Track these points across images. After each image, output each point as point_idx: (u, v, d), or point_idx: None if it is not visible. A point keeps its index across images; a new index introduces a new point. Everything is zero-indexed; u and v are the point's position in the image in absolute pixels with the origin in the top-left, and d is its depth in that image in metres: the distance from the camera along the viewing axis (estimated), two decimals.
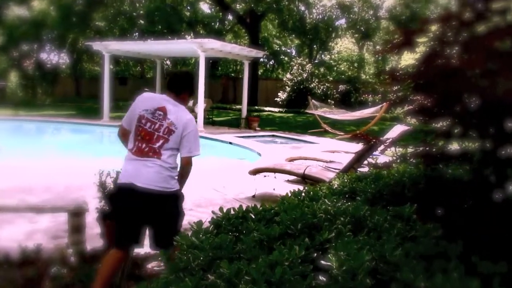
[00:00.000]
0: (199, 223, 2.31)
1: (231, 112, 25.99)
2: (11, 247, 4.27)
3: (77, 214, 4.20)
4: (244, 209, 2.44)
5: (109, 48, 17.96)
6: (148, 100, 3.32)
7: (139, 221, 3.21)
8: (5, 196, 4.81)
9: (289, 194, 2.83)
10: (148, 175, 3.14)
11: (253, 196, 6.65)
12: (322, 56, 35.68)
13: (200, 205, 6.13)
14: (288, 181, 7.27)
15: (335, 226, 2.07)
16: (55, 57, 36.88)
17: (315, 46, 34.54)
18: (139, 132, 3.24)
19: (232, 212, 2.40)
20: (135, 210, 3.17)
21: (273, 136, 15.83)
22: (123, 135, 3.43)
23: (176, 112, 3.26)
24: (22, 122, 18.79)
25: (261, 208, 2.45)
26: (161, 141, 3.20)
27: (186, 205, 5.95)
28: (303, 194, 2.78)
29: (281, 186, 7.02)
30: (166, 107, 3.27)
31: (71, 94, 34.85)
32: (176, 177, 3.29)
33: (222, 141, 13.75)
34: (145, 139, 3.21)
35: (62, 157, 11.10)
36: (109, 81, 18.24)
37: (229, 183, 7.63)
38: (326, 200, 2.49)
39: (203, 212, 5.76)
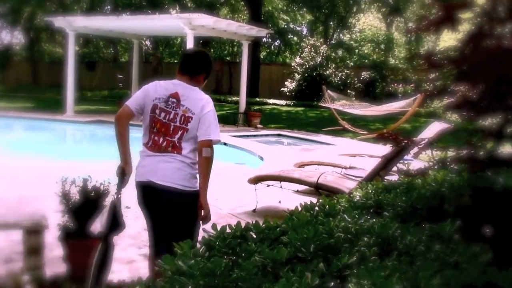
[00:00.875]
0: (187, 242, 2.31)
1: (226, 105, 25.99)
2: None
3: (34, 232, 4.20)
4: (243, 227, 2.44)
5: (74, 24, 17.98)
6: (160, 87, 3.62)
7: (157, 221, 3.53)
8: None
9: (299, 208, 2.83)
10: (167, 172, 3.44)
11: (254, 211, 6.66)
12: (341, 35, 35.71)
13: None
14: (298, 191, 7.28)
15: (357, 248, 2.07)
16: (7, 36, 37.01)
17: (331, 23, 34.57)
18: (154, 124, 3.53)
19: (228, 230, 2.40)
20: (154, 209, 3.52)
21: (278, 135, 15.85)
22: (125, 118, 3.59)
23: (189, 95, 3.56)
24: None
25: (264, 225, 2.45)
26: (179, 133, 3.48)
27: None
28: (316, 208, 2.78)
29: (289, 198, 7.03)
30: (178, 92, 3.56)
31: (26, 82, 34.87)
32: (197, 175, 3.49)
33: None
34: (161, 132, 3.50)
35: (15, 161, 11.10)
36: (74, 66, 18.26)
37: (223, 194, 7.63)
38: (345, 215, 2.49)
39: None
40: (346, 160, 8.92)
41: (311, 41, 27.56)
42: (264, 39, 31.44)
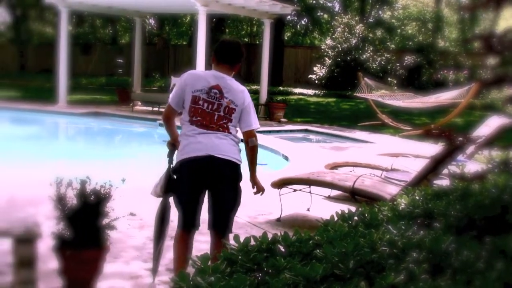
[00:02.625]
0: (205, 257, 2.35)
1: None
2: None
3: (26, 241, 4.27)
4: (270, 239, 2.48)
5: (68, 0, 18.15)
6: (198, 78, 4.50)
7: (217, 193, 4.50)
8: None
9: (335, 218, 2.85)
10: (224, 147, 4.39)
11: (278, 220, 6.68)
12: (380, 13, 35.52)
13: (200, 231, 6.18)
14: (329, 197, 7.29)
15: (405, 265, 2.09)
16: None
17: None
18: (198, 114, 4.40)
19: (253, 242, 2.44)
20: (219, 180, 4.45)
21: (306, 131, 15.86)
22: (172, 117, 4.65)
23: (230, 86, 4.46)
24: None
25: (294, 237, 2.48)
26: (223, 121, 4.41)
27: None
28: (355, 217, 2.81)
29: (319, 205, 7.05)
30: (219, 84, 4.44)
31: (12, 68, 35.27)
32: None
33: None
34: (202, 117, 4.40)
35: (1, 160, 11.26)
36: (67, 49, 18.42)
37: (242, 199, 7.66)
38: (390, 226, 2.51)
39: (205, 242, 5.80)
40: (386, 161, 8.88)
41: (345, 19, 27.48)
42: (289, 17, 31.38)
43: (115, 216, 4.57)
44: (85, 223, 4.43)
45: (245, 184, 4.73)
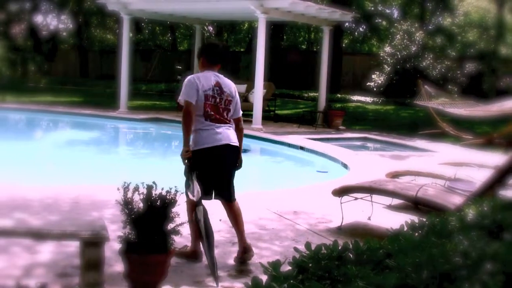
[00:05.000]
0: (276, 263, 2.38)
1: (302, 102, 26.06)
2: (6, 286, 4.51)
3: (93, 244, 4.38)
4: (340, 247, 2.49)
5: (130, 8, 18.53)
6: (205, 79, 5.39)
7: (226, 172, 5.55)
8: None
9: (405, 227, 2.85)
10: (233, 136, 5.50)
11: (339, 228, 6.67)
12: (440, 19, 34.98)
13: (260, 237, 6.25)
14: (390, 206, 7.22)
15: (478, 276, 2.07)
16: (53, 21, 38.52)
17: (429, 4, 33.94)
18: (209, 109, 5.36)
19: (324, 250, 2.46)
20: (230, 162, 5.53)
21: (364, 139, 15.76)
22: (193, 111, 5.31)
23: (224, 82, 5.50)
24: (9, 112, 19.76)
25: (365, 246, 2.49)
26: (226, 112, 5.47)
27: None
28: (425, 228, 2.79)
29: (380, 214, 7.00)
30: (218, 81, 5.45)
31: (74, 73, 36.14)
32: None
33: (289, 144, 13.87)
34: (214, 111, 5.38)
35: (66, 163, 11.58)
36: (128, 55, 18.80)
37: (303, 206, 7.69)
38: (461, 237, 2.49)
39: (266, 249, 5.86)
40: (449, 170, 8.76)
41: (404, 26, 27.18)
42: (347, 24, 31.22)
43: (180, 221, 4.65)
44: (151, 227, 4.53)
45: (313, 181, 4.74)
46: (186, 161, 5.30)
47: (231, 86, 5.53)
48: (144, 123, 17.62)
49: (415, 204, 6.21)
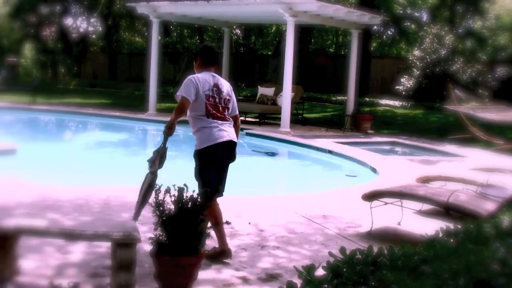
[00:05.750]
0: (311, 268, 2.38)
1: (330, 105, 25.99)
2: (39, 285, 4.58)
3: (125, 245, 4.43)
4: (375, 252, 2.48)
5: (159, 11, 18.66)
6: (203, 81, 5.66)
7: (226, 167, 5.79)
8: (24, 214, 5.16)
9: (440, 233, 2.82)
10: (234, 132, 5.80)
11: (369, 233, 6.64)
12: (470, 22, 34.64)
13: (289, 241, 6.24)
14: (420, 212, 7.17)
15: None
16: (83, 24, 38.93)
17: (459, 7, 33.62)
18: (211, 108, 5.64)
19: (358, 255, 2.45)
20: (230, 157, 5.79)
21: (393, 143, 15.67)
22: (187, 109, 5.61)
23: (222, 83, 5.84)
24: (39, 113, 20.03)
25: (400, 251, 2.48)
26: (226, 110, 5.78)
27: (268, 241, 6.10)
28: (460, 234, 2.77)
29: (410, 219, 6.96)
30: (216, 82, 5.75)
31: (103, 76, 36.47)
32: None
33: (317, 148, 13.85)
34: (215, 110, 5.67)
35: (95, 165, 11.70)
36: (157, 58, 18.93)
37: (332, 211, 7.67)
38: (498, 244, 2.47)
39: (295, 252, 5.86)
40: (481, 175, 8.66)
41: (434, 29, 26.97)
42: (375, 27, 31.07)
43: (210, 224, 4.68)
44: (182, 229, 4.55)
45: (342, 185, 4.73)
46: (164, 136, 5.72)
47: (228, 86, 5.88)
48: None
49: (446, 210, 6.16)
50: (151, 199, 4.74)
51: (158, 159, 5.71)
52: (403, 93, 25.87)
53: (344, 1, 32.67)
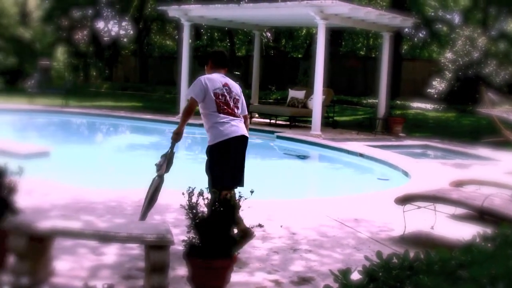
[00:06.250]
0: (346, 271, 2.37)
1: (360, 108, 25.90)
2: (74, 286, 4.65)
3: (159, 248, 4.47)
4: (411, 256, 2.47)
5: (190, 14, 18.78)
6: (214, 80, 5.95)
7: (242, 160, 6.01)
8: (59, 216, 5.23)
9: (477, 238, 2.80)
10: (245, 128, 6.01)
11: (402, 237, 6.60)
12: (503, 24, 34.21)
13: (321, 245, 6.23)
14: (453, 216, 7.11)
15: None
16: (114, 28, 39.37)
17: (492, 9, 33.23)
18: (222, 105, 5.88)
19: (395, 259, 2.44)
20: (244, 151, 6.03)
21: (425, 146, 15.53)
22: (194, 109, 5.98)
23: (232, 83, 6.08)
24: (72, 116, 20.28)
25: (437, 256, 2.46)
26: (235, 109, 6.00)
27: (300, 244, 6.10)
28: (497, 239, 2.74)
29: (443, 224, 6.90)
30: (227, 82, 6.03)
31: (134, 79, 36.78)
32: None
33: (348, 151, 13.80)
34: (227, 107, 5.91)
35: (127, 167, 11.81)
36: (188, 61, 19.05)
37: (364, 214, 7.64)
38: None
39: (327, 256, 5.85)
40: None
41: (466, 31, 26.69)
42: (406, 30, 30.85)
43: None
44: (215, 232, 4.57)
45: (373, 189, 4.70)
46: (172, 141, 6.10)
47: (237, 88, 6.13)
48: (202, 128, 17.77)
49: (480, 214, 6.09)
50: (185, 201, 4.77)
51: (166, 163, 6.01)
52: (435, 96, 25.67)
53: (375, 4, 32.56)
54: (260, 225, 4.95)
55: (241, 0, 20.95)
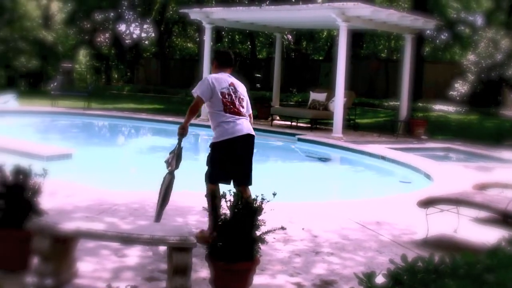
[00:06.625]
0: (371, 275, 2.37)
1: (381, 111, 25.79)
2: None
3: (181, 250, 4.48)
4: (436, 260, 2.45)
5: (212, 17, 18.83)
6: (220, 80, 6.12)
7: (249, 159, 6.21)
8: (82, 218, 5.27)
9: (502, 242, 2.77)
10: (250, 127, 6.19)
11: (425, 240, 6.55)
12: None
13: (343, 247, 6.21)
14: (477, 219, 7.04)
15: None
16: (136, 30, 39.60)
17: None
18: (228, 104, 6.05)
19: (420, 263, 2.43)
20: (251, 150, 6.20)
21: (447, 149, 15.42)
22: (200, 107, 6.29)
23: (237, 83, 6.25)
24: (94, 118, 20.43)
25: (463, 260, 2.44)
26: (241, 107, 6.15)
27: (322, 247, 6.08)
28: None
29: (466, 227, 6.84)
30: (233, 82, 6.20)
31: (156, 81, 36.95)
32: None
33: (370, 154, 13.74)
34: (233, 106, 6.07)
35: (149, 169, 11.85)
36: (209, 64, 19.06)
37: (386, 217, 7.61)
38: None
39: (350, 259, 5.82)
40: None
41: (489, 33, 26.49)
42: (427, 32, 30.66)
43: (266, 229, 4.68)
44: (237, 234, 4.57)
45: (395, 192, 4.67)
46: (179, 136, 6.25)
47: (243, 87, 6.30)
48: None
49: (504, 218, 6.03)
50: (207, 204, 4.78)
51: (174, 159, 6.16)
52: (457, 98, 25.50)
53: (396, 6, 32.40)
54: (282, 228, 4.93)
55: (263, 2, 20.98)
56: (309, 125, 18.26)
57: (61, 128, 19.28)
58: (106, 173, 11.06)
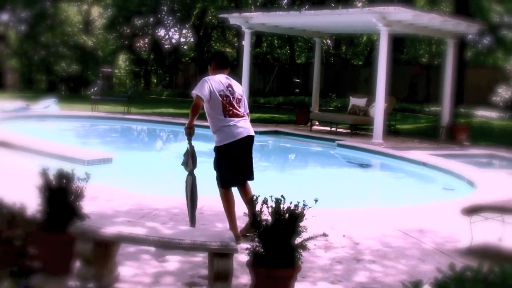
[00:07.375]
0: (418, 283, 2.35)
1: (423, 116, 25.49)
2: None
3: (222, 256, 4.49)
4: (485, 270, 2.42)
5: (251, 22, 18.88)
6: (219, 82, 6.33)
7: (249, 157, 6.57)
8: (124, 222, 5.31)
9: None
10: (251, 127, 6.48)
11: (469, 248, 6.45)
12: None
13: (385, 255, 6.16)
14: None
15: None
16: (175, 35, 39.98)
17: None
18: (227, 105, 6.28)
19: (468, 272, 2.39)
20: (250, 149, 6.52)
21: (490, 156, 15.17)
22: (200, 107, 6.30)
23: (235, 84, 6.48)
24: (133, 123, 20.67)
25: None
26: (240, 108, 6.40)
27: (364, 254, 6.04)
28: None
29: (511, 236, 6.72)
30: (230, 83, 6.43)
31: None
32: None
33: (410, 160, 13.60)
34: (232, 107, 6.30)
35: (175, 177, 11.93)
36: (248, 68, 19.16)
37: (429, 225, 7.52)
38: None
39: (392, 267, 5.77)
40: None
41: None
42: (469, 36, 30.26)
43: (308, 235, 4.66)
44: (279, 241, 4.56)
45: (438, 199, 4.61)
46: (187, 135, 6.51)
47: (240, 88, 6.54)
48: (263, 135, 17.82)
49: None
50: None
51: (190, 159, 6.43)
52: (501, 104, 25.10)
53: (438, 10, 32.05)
54: (324, 234, 4.91)
55: (302, 7, 20.98)
56: (348, 131, 18.17)
57: (101, 132, 19.55)
58: (146, 177, 11.17)
